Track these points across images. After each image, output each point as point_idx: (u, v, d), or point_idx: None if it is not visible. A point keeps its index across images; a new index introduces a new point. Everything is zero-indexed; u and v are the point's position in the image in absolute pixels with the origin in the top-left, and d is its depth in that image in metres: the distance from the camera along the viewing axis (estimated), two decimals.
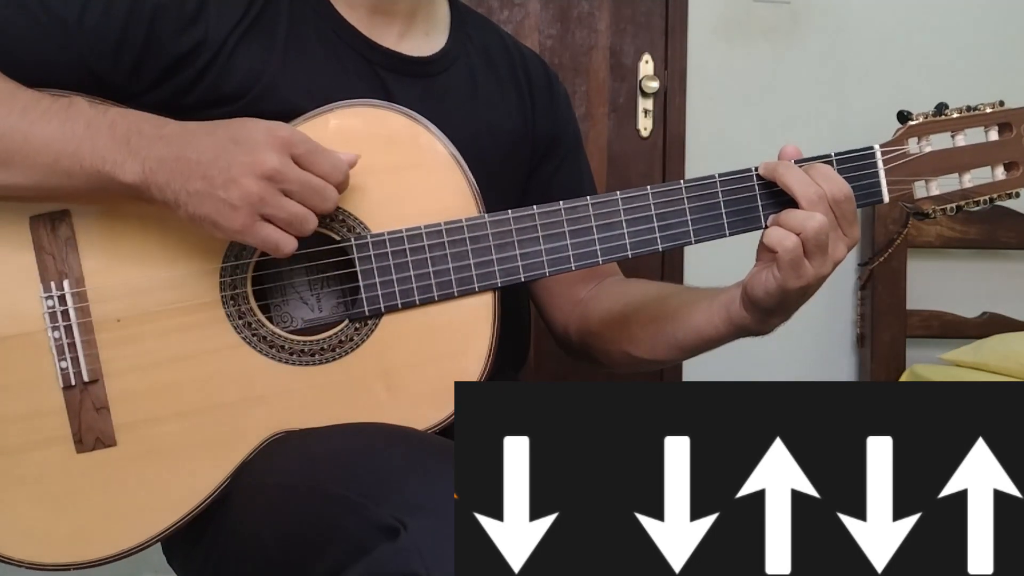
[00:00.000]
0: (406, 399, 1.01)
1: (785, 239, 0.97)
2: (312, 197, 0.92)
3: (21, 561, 0.96)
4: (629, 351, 1.16)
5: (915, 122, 1.05)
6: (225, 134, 0.91)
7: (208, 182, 0.89)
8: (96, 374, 0.97)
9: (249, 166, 0.89)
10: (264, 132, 0.90)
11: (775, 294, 0.98)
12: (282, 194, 0.90)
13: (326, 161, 0.93)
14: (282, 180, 0.90)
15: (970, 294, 2.34)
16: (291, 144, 0.91)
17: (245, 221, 0.90)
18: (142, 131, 0.91)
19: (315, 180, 0.92)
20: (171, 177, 0.90)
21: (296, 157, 0.91)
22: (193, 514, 0.99)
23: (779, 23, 2.30)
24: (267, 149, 0.89)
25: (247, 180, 0.89)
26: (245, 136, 0.90)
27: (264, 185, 0.89)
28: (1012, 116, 1.07)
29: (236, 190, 0.89)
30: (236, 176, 0.89)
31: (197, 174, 0.89)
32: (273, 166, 0.89)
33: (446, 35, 1.16)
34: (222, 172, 0.89)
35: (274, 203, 0.90)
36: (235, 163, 0.89)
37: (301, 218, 0.91)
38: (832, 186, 0.98)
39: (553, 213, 1.03)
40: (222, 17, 1.01)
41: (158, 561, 1.16)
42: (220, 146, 0.90)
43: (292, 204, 0.91)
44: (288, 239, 0.92)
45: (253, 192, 0.89)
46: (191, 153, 0.90)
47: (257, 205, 0.90)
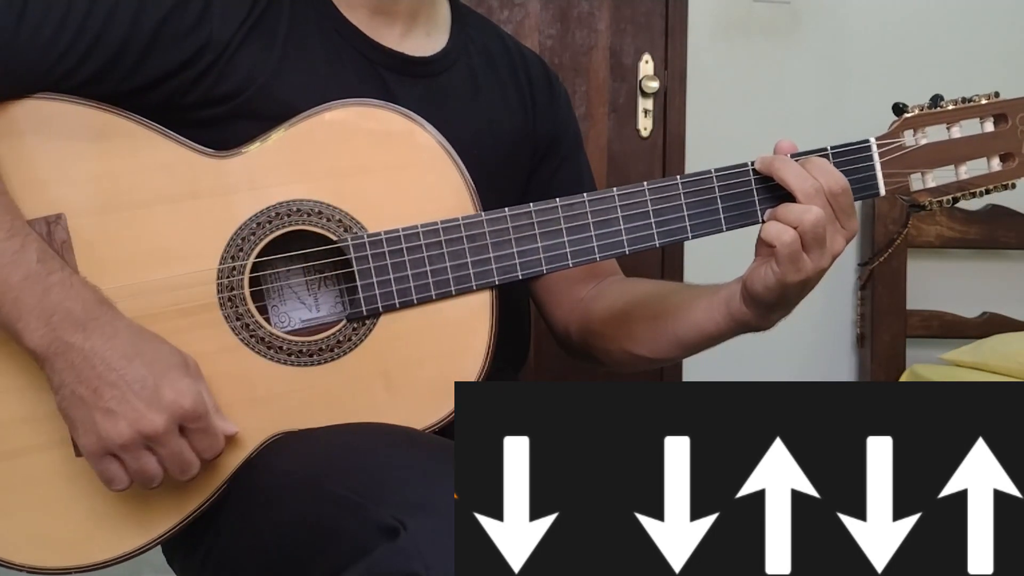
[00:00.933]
0: (405, 399, 1.01)
1: (783, 233, 0.96)
2: (173, 468, 0.92)
3: (22, 565, 0.96)
4: (630, 349, 1.16)
5: (911, 114, 1.05)
6: (140, 370, 0.89)
7: (95, 397, 0.89)
8: None
9: (136, 416, 0.88)
10: (172, 393, 0.89)
11: (775, 288, 0.98)
12: (147, 450, 0.90)
13: (207, 441, 0.92)
14: (155, 443, 0.90)
15: (970, 294, 2.34)
16: (188, 418, 0.90)
17: (96, 450, 0.90)
18: (70, 312, 0.89)
19: (187, 456, 0.92)
20: (67, 368, 0.89)
21: (184, 429, 0.91)
22: (193, 516, 0.99)
23: (779, 23, 2.30)
24: (163, 412, 0.89)
25: (124, 424, 0.88)
26: (154, 385, 0.89)
27: (134, 439, 0.89)
28: (1007, 107, 1.07)
29: (109, 424, 0.88)
30: (119, 415, 0.88)
31: (90, 384, 0.89)
32: (156, 430, 0.89)
33: (447, 35, 1.16)
34: (110, 400, 0.88)
35: (132, 455, 0.90)
36: (126, 403, 0.88)
37: (149, 476, 0.91)
38: (828, 179, 0.98)
39: (550, 211, 1.02)
40: (226, 20, 1.01)
41: (159, 561, 1.15)
42: (128, 378, 0.89)
43: (150, 462, 0.91)
44: (122, 481, 0.91)
45: (123, 437, 0.89)
46: (98, 363, 0.89)
47: (115, 448, 0.89)
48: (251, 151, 1.00)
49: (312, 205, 1.00)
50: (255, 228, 0.99)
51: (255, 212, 0.99)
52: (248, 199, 1.00)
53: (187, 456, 0.92)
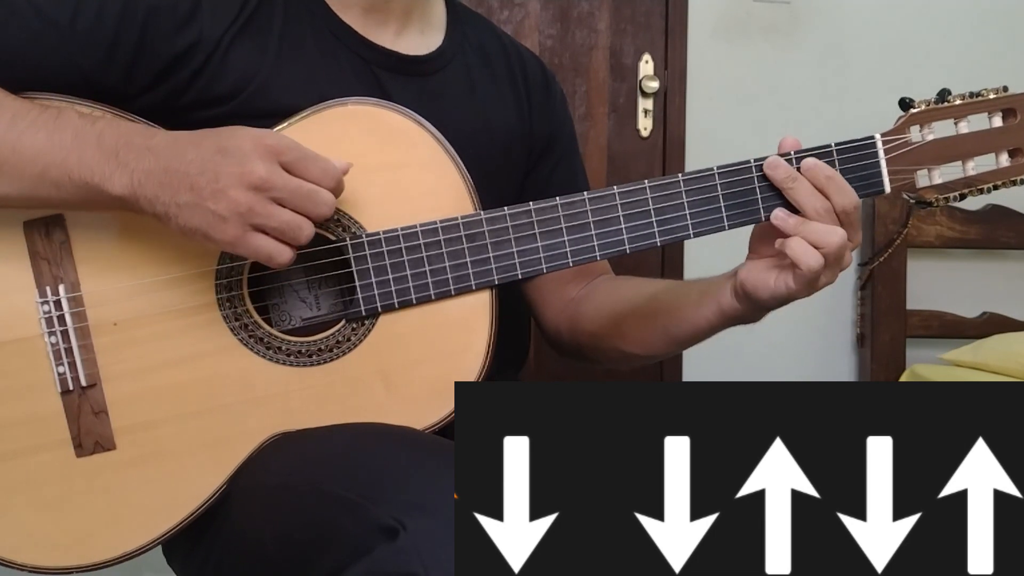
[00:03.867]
0: (405, 399, 1.01)
1: (809, 257, 0.95)
2: (304, 203, 0.90)
3: (23, 565, 0.96)
4: (622, 347, 1.16)
5: (917, 109, 1.03)
6: (212, 144, 0.90)
7: (196, 194, 0.88)
8: (94, 378, 0.97)
9: (237, 176, 0.88)
10: (251, 140, 0.89)
11: (783, 299, 1.00)
12: (273, 203, 0.89)
13: (316, 166, 0.91)
14: (271, 189, 0.89)
15: (970, 294, 2.33)
16: (279, 151, 0.89)
17: (235, 232, 0.89)
18: (131, 143, 0.90)
19: (305, 186, 0.90)
20: (159, 190, 0.89)
21: (285, 164, 0.90)
22: (193, 516, 0.99)
23: (779, 23, 2.30)
24: (255, 158, 0.88)
25: (235, 191, 0.88)
26: (233, 146, 0.89)
27: (252, 195, 0.88)
28: (1016, 101, 1.05)
29: (224, 201, 0.88)
30: (224, 187, 0.88)
31: (185, 186, 0.89)
32: (260, 176, 0.88)
33: (442, 34, 1.16)
34: (210, 183, 0.88)
35: (264, 213, 0.89)
36: (223, 174, 0.88)
37: (294, 226, 0.90)
38: (843, 200, 0.97)
39: (550, 209, 1.02)
40: (216, 17, 1.01)
41: (159, 561, 1.15)
42: (207, 157, 0.89)
43: (283, 212, 0.90)
44: (281, 249, 0.91)
45: (241, 203, 0.88)
46: (178, 164, 0.89)
47: (246, 216, 0.89)
48: None
49: None
50: None
51: None
52: None
53: (307, 188, 0.90)
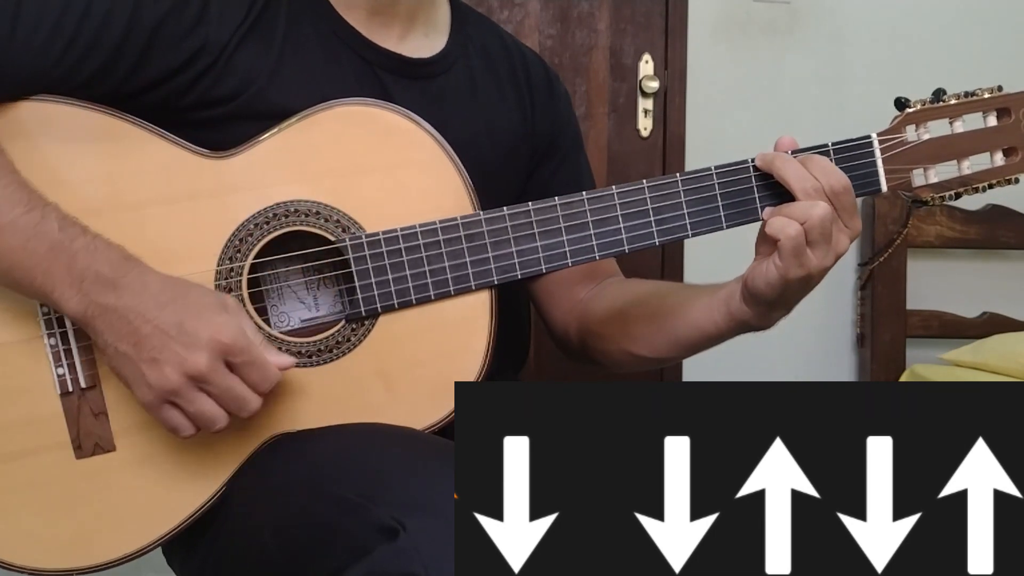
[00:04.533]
0: (404, 399, 1.01)
1: (787, 226, 0.96)
2: (229, 404, 0.92)
3: (23, 567, 0.96)
4: (629, 349, 1.16)
5: (912, 109, 1.04)
6: (174, 315, 0.90)
7: (136, 351, 0.90)
8: (94, 379, 0.97)
9: (178, 360, 0.89)
10: (209, 331, 0.90)
11: (777, 285, 0.98)
12: (200, 392, 0.91)
13: (258, 372, 0.92)
14: (204, 382, 0.90)
15: (970, 294, 2.33)
16: (229, 352, 0.90)
17: (152, 401, 0.91)
18: (99, 275, 0.90)
19: (240, 390, 0.92)
20: (107, 328, 0.90)
21: (231, 364, 0.91)
22: (193, 518, 0.99)
23: (779, 23, 2.29)
24: (203, 350, 0.89)
25: (169, 370, 0.89)
26: (191, 327, 0.90)
27: (183, 381, 0.90)
28: (1010, 101, 1.06)
29: (156, 373, 0.89)
30: (162, 361, 0.89)
31: (130, 339, 0.90)
32: (200, 370, 0.89)
33: (446, 36, 1.16)
34: (152, 350, 0.89)
35: (186, 399, 0.91)
36: (167, 349, 0.89)
37: (209, 418, 0.92)
38: (829, 178, 0.97)
39: (549, 210, 1.02)
40: (223, 21, 1.01)
41: (159, 561, 1.15)
42: (164, 326, 0.90)
43: (205, 402, 0.91)
44: (187, 427, 0.92)
45: (171, 382, 0.89)
46: (134, 317, 0.90)
47: (168, 394, 0.90)
48: (249, 152, 1.00)
49: (310, 205, 1.00)
50: (253, 229, 0.99)
51: (253, 213, 0.99)
52: (246, 200, 0.99)
53: (239, 391, 0.92)
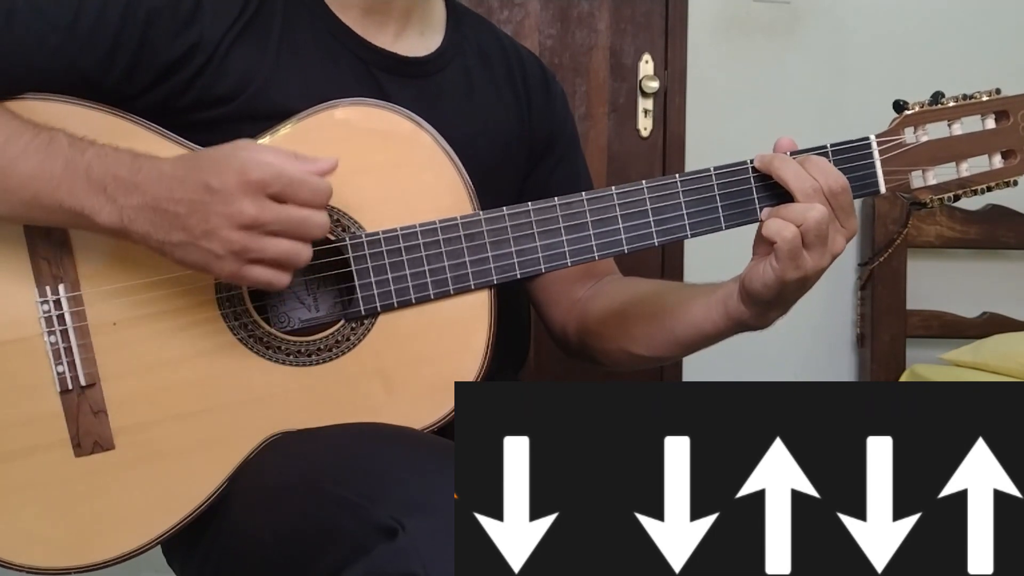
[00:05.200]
0: (404, 398, 1.01)
1: (784, 229, 0.96)
2: (298, 230, 0.91)
3: (21, 566, 0.96)
4: (628, 349, 1.16)
5: (911, 111, 1.05)
6: (198, 181, 0.89)
7: (188, 233, 0.89)
8: (93, 378, 0.97)
9: (226, 218, 0.88)
10: (236, 176, 0.88)
11: (773, 286, 0.98)
12: (267, 236, 0.90)
13: (304, 189, 0.90)
14: (263, 225, 0.89)
15: (970, 294, 2.33)
16: (265, 184, 0.89)
17: (232, 268, 0.90)
18: (117, 176, 0.90)
19: (297, 214, 0.90)
20: (151, 228, 0.90)
21: (274, 195, 0.89)
22: (193, 516, 0.99)
23: (779, 23, 2.30)
24: (242, 197, 0.88)
25: (226, 231, 0.88)
26: (219, 183, 0.88)
27: (244, 235, 0.89)
28: (1009, 104, 1.06)
29: (217, 242, 0.89)
30: (214, 228, 0.88)
31: (176, 225, 0.89)
32: (251, 215, 0.88)
33: (442, 35, 1.16)
34: (200, 223, 0.88)
35: (258, 248, 0.89)
36: (212, 214, 0.88)
37: (292, 254, 0.91)
38: (828, 179, 0.98)
39: (548, 209, 1.02)
40: (217, 19, 1.01)
41: (159, 561, 1.15)
42: (195, 196, 0.89)
43: (279, 243, 0.90)
44: (279, 276, 0.91)
45: (235, 242, 0.89)
46: (166, 204, 0.89)
47: (241, 253, 0.89)
48: None
49: None
50: None
51: None
52: None
53: (299, 215, 0.90)
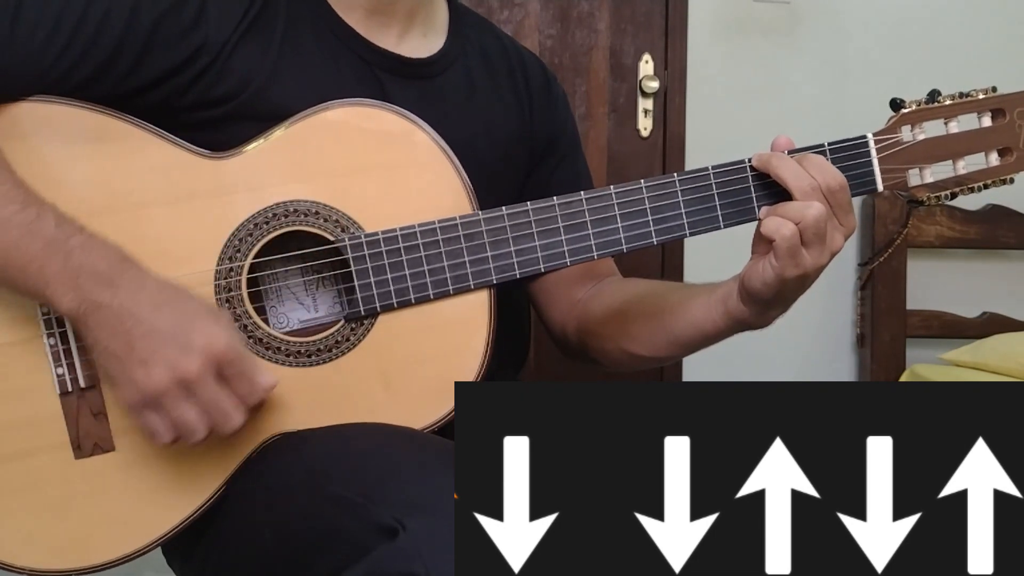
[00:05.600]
0: (404, 398, 1.01)
1: (782, 227, 0.96)
2: (213, 416, 0.91)
3: (22, 568, 0.96)
4: (628, 349, 1.15)
5: (908, 109, 1.05)
6: (169, 318, 0.90)
7: (127, 349, 0.89)
8: (93, 379, 0.97)
9: (170, 363, 0.88)
10: (204, 339, 0.89)
11: (773, 284, 0.98)
12: (185, 400, 0.90)
13: (246, 385, 0.92)
14: (192, 392, 0.89)
15: (970, 294, 2.33)
16: (222, 363, 0.90)
17: (136, 402, 0.90)
18: (95, 271, 0.90)
19: (225, 403, 0.91)
20: (99, 326, 0.90)
21: (222, 375, 0.90)
22: (193, 517, 0.99)
23: (779, 23, 2.30)
24: (195, 357, 0.88)
25: (159, 372, 0.88)
26: (185, 332, 0.89)
27: (171, 386, 0.89)
28: (1005, 102, 1.07)
29: (144, 374, 0.89)
30: (153, 363, 0.88)
31: (122, 339, 0.89)
32: (190, 375, 0.88)
33: (444, 37, 1.16)
34: (144, 350, 0.89)
35: (169, 406, 0.90)
36: (160, 351, 0.88)
37: (190, 428, 0.91)
38: (826, 176, 0.98)
39: (547, 209, 1.03)
40: (222, 21, 1.01)
41: (159, 561, 1.15)
42: (158, 327, 0.89)
43: (188, 412, 0.90)
44: (165, 433, 0.91)
45: (159, 386, 0.88)
46: (127, 317, 0.89)
47: (153, 397, 0.89)
48: (248, 152, 1.00)
49: (309, 205, 1.00)
50: (252, 229, 0.99)
51: (252, 213, 0.99)
52: (245, 200, 0.99)
53: (225, 404, 0.91)
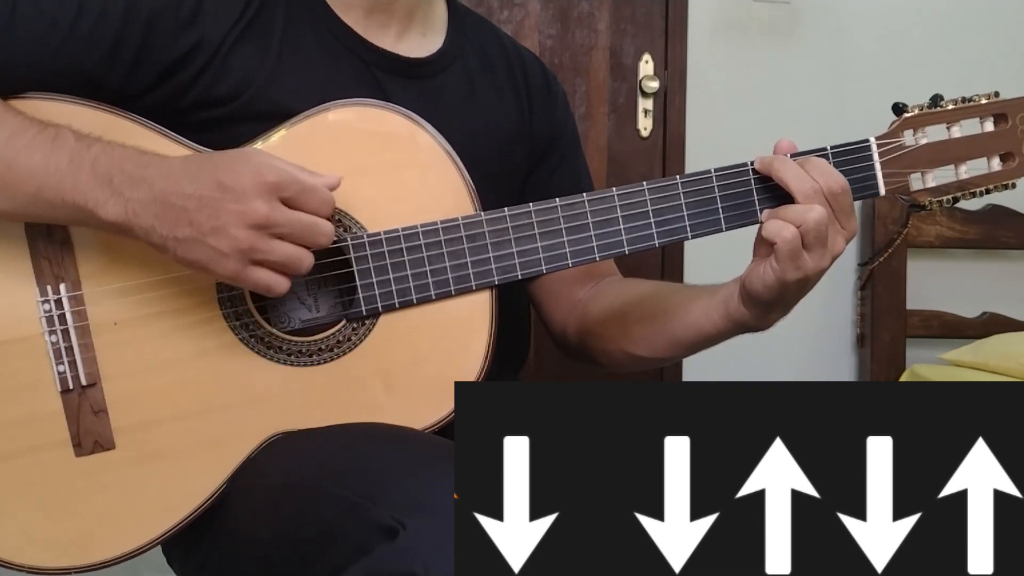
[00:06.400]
0: (404, 398, 1.01)
1: (783, 230, 0.96)
2: (305, 236, 0.92)
3: (22, 565, 0.96)
4: (628, 350, 1.16)
5: (910, 114, 1.05)
6: (211, 177, 0.89)
7: (195, 228, 0.89)
8: (94, 377, 0.97)
9: (238, 215, 0.88)
10: (251, 176, 0.89)
11: (774, 287, 0.98)
12: (274, 238, 0.90)
13: (315, 197, 0.92)
14: (273, 226, 0.90)
15: (970, 294, 2.33)
16: (280, 187, 0.90)
17: (236, 267, 0.90)
18: (124, 170, 0.90)
19: (306, 219, 0.91)
20: (156, 222, 0.90)
21: (286, 200, 0.90)
22: (193, 516, 0.99)
23: (779, 23, 2.30)
24: (255, 196, 0.89)
25: (235, 230, 0.88)
26: (232, 181, 0.89)
27: (254, 234, 0.89)
28: (1007, 107, 1.07)
29: (225, 239, 0.89)
30: (224, 225, 0.88)
31: (183, 220, 0.89)
32: (263, 215, 0.89)
33: (443, 36, 1.16)
34: (209, 219, 0.89)
35: (265, 249, 0.90)
36: (223, 211, 0.88)
37: (295, 259, 0.91)
38: (828, 179, 0.98)
39: (550, 210, 1.03)
40: (219, 18, 1.01)
41: (159, 560, 1.15)
42: (206, 192, 0.89)
43: (285, 247, 0.91)
44: (279, 280, 0.92)
45: (243, 240, 0.89)
46: (175, 199, 0.89)
47: (247, 252, 0.90)
48: None
49: None
50: None
51: None
52: None
53: (307, 220, 0.91)
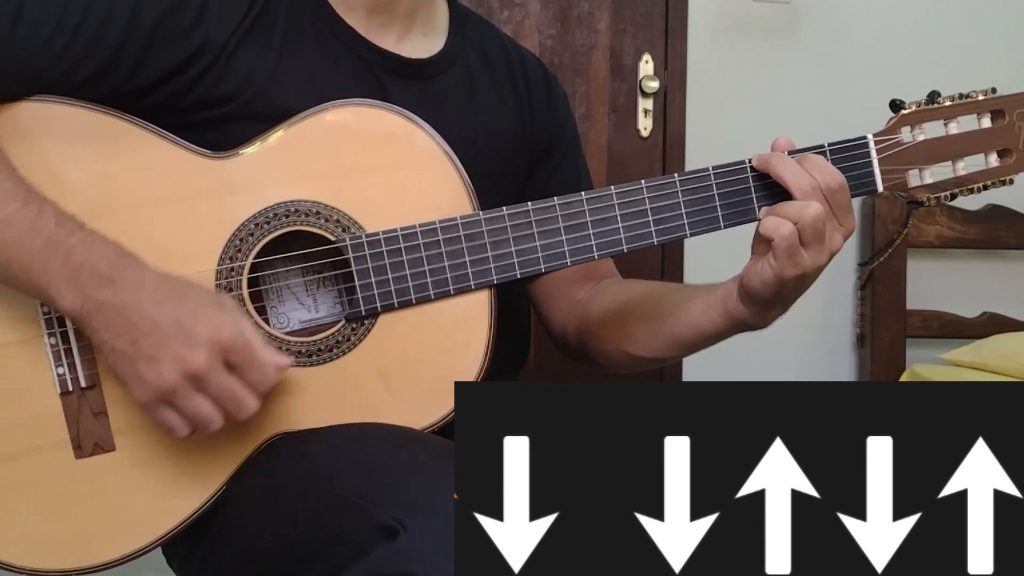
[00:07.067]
0: (404, 398, 1.01)
1: (781, 226, 0.96)
2: (227, 404, 0.91)
3: (22, 568, 0.96)
4: (627, 350, 1.15)
5: (908, 110, 1.05)
6: (173, 311, 0.89)
7: (135, 348, 0.89)
8: (94, 379, 0.97)
9: (177, 358, 0.88)
10: (208, 329, 0.89)
11: (772, 284, 0.98)
12: (197, 392, 0.89)
13: (258, 372, 0.91)
14: (203, 383, 0.89)
15: (970, 294, 2.33)
16: (229, 351, 0.89)
17: (149, 400, 0.90)
18: (96, 268, 0.90)
19: (236, 389, 0.90)
20: (103, 326, 0.89)
21: (230, 364, 0.90)
22: (193, 517, 0.99)
23: (779, 23, 2.30)
24: (201, 348, 0.88)
25: (167, 369, 0.88)
26: (190, 324, 0.89)
27: (181, 381, 0.88)
28: (1004, 103, 1.07)
29: (154, 372, 0.88)
30: (161, 359, 0.88)
31: (128, 336, 0.89)
32: (200, 368, 0.88)
33: (444, 37, 1.16)
34: (151, 347, 0.88)
35: (183, 399, 0.89)
36: (167, 347, 0.88)
37: (206, 419, 0.90)
38: (825, 176, 0.98)
39: (548, 209, 1.03)
40: (223, 20, 1.01)
41: (159, 561, 1.15)
42: (162, 321, 0.89)
43: (202, 405, 0.90)
44: (182, 428, 0.91)
45: (168, 382, 0.88)
46: (132, 314, 0.89)
47: (166, 393, 0.89)
48: (249, 152, 1.00)
49: (310, 205, 1.00)
50: (253, 229, 0.99)
51: (253, 213, 0.99)
52: (246, 200, 0.99)
53: (237, 391, 0.90)
